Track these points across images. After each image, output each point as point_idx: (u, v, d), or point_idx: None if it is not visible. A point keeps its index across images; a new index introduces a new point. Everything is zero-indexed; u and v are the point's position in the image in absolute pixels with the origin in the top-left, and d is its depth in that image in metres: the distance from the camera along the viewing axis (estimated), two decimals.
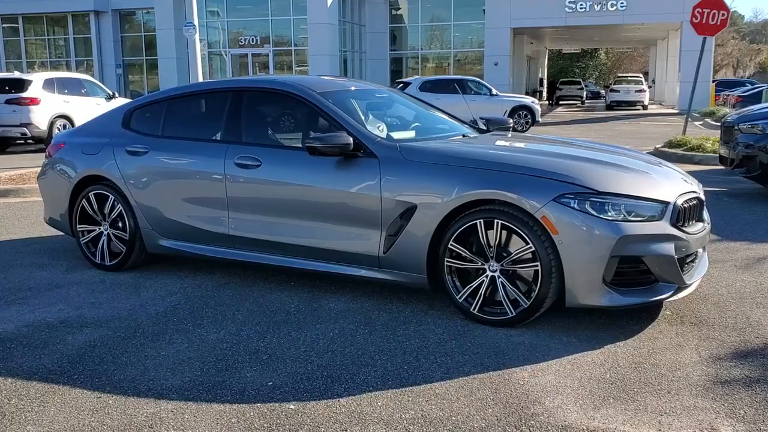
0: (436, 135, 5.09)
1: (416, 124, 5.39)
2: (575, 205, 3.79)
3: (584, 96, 44.75)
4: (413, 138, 4.93)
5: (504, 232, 3.95)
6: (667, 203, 3.94)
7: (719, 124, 19.18)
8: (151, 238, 5.24)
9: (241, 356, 3.68)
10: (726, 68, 68.99)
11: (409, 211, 4.18)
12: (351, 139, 4.35)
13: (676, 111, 31.49)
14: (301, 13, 30.27)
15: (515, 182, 3.92)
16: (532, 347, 3.73)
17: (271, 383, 3.34)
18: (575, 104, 43.06)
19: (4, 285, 5.08)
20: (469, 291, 4.08)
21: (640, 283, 3.90)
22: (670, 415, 2.96)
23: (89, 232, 5.49)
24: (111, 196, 5.33)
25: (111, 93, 17.18)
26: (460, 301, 4.11)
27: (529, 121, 20.24)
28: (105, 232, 5.41)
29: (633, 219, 3.82)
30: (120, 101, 16.55)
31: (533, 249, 3.84)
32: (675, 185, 4.17)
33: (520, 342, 3.80)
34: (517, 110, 20.07)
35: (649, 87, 38.35)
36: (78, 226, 5.52)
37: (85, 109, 15.65)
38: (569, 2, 31.43)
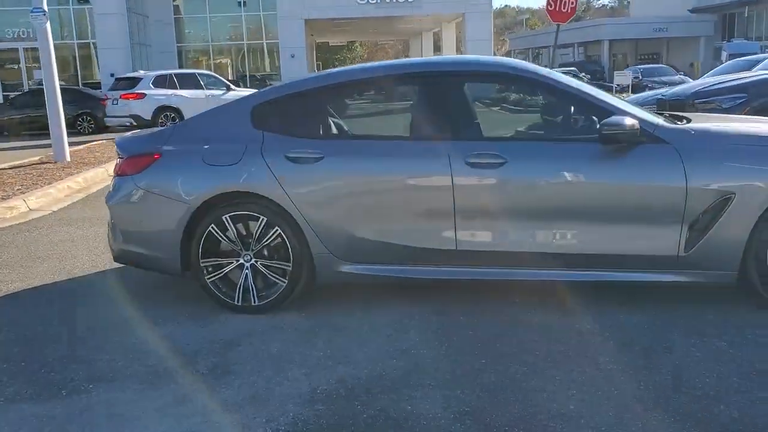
0: None
1: None
2: None
3: None
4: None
5: None
6: None
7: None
8: (328, 265, 4.17)
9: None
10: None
11: (724, 201, 3.76)
12: (637, 123, 3.82)
13: None
14: (83, 3, 26.94)
15: None
16: None
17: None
18: None
19: (180, 343, 3.72)
20: None
21: None
22: None
23: (220, 267, 4.23)
24: (262, 217, 4.14)
25: None
26: None
27: None
28: (248, 264, 4.21)
29: None
30: None
31: None
32: None
33: None
34: None
35: None
36: (201, 260, 4.23)
37: None
38: None
